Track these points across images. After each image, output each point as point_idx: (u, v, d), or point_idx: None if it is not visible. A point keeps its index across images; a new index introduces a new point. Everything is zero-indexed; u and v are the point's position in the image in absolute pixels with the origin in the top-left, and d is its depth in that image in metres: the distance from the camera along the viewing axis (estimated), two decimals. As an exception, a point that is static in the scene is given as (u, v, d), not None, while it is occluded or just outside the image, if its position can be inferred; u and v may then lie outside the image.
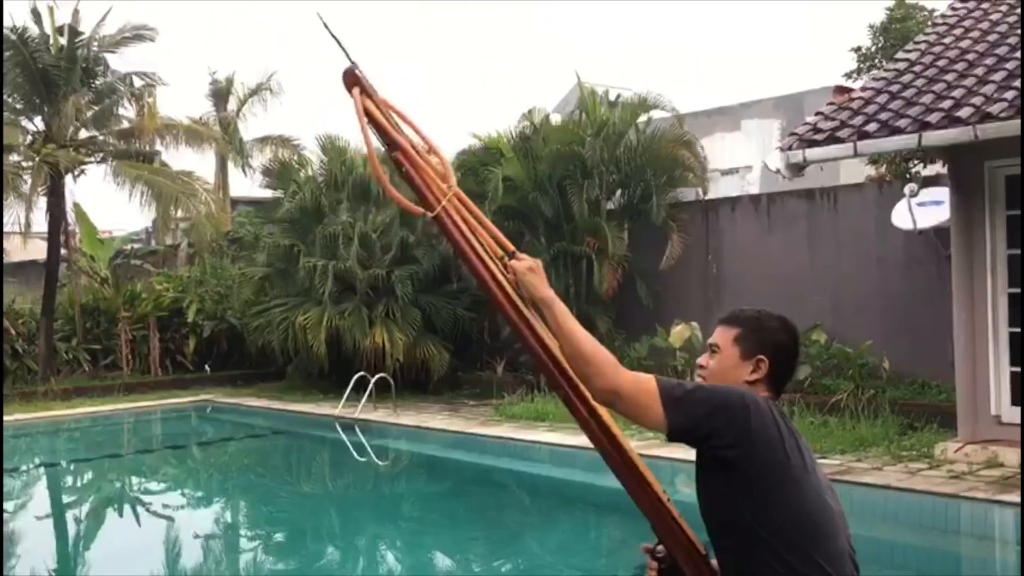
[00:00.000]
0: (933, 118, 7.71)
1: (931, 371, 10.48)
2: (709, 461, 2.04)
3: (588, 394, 2.04)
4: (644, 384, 1.99)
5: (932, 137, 7.65)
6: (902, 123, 7.89)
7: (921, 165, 11.88)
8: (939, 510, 7.08)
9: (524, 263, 2.09)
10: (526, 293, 2.07)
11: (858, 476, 7.69)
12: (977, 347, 8.40)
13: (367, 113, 1.99)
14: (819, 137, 8.34)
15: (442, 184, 2.06)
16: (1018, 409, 8.14)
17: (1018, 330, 8.25)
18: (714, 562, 2.15)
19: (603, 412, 2.07)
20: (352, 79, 2.00)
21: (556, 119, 14.76)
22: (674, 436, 1.99)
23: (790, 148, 8.43)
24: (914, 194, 10.22)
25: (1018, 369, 8.23)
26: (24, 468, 11.40)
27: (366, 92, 2.00)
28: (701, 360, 2.24)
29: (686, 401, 1.97)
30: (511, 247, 2.16)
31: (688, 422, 1.96)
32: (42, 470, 11.57)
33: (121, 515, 9.18)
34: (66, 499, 10.20)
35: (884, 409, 9.70)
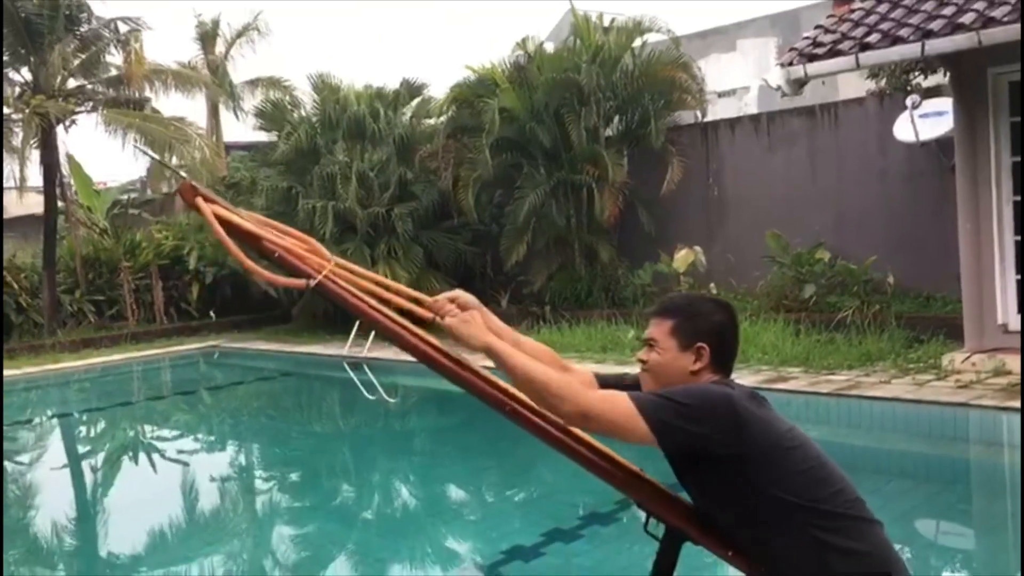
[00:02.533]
0: (936, 25, 7.57)
1: (935, 284, 10.48)
2: (708, 465, 2.03)
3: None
4: (618, 403, 1.98)
5: (935, 45, 7.52)
6: (904, 32, 7.75)
7: (922, 76, 11.71)
8: (948, 419, 7.15)
9: (455, 319, 2.11)
10: (467, 346, 2.09)
11: (867, 390, 7.74)
12: (983, 257, 8.39)
13: (218, 216, 1.98)
14: (820, 51, 8.21)
15: (319, 259, 2.07)
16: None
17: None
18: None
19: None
20: (192, 192, 1.99)
21: (550, 48, 14.53)
22: (670, 449, 1.99)
23: (790, 64, 8.30)
24: (916, 106, 10.10)
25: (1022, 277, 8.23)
26: (37, 420, 11.51)
27: (211, 199, 2.00)
28: (641, 355, 2.24)
29: (669, 414, 1.96)
30: (427, 299, 2.17)
31: (681, 434, 1.96)
32: (55, 421, 11.67)
33: (136, 462, 9.27)
34: (81, 448, 10.29)
35: (890, 323, 9.72)
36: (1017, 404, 6.87)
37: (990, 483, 6.54)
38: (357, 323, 12.95)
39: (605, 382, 2.30)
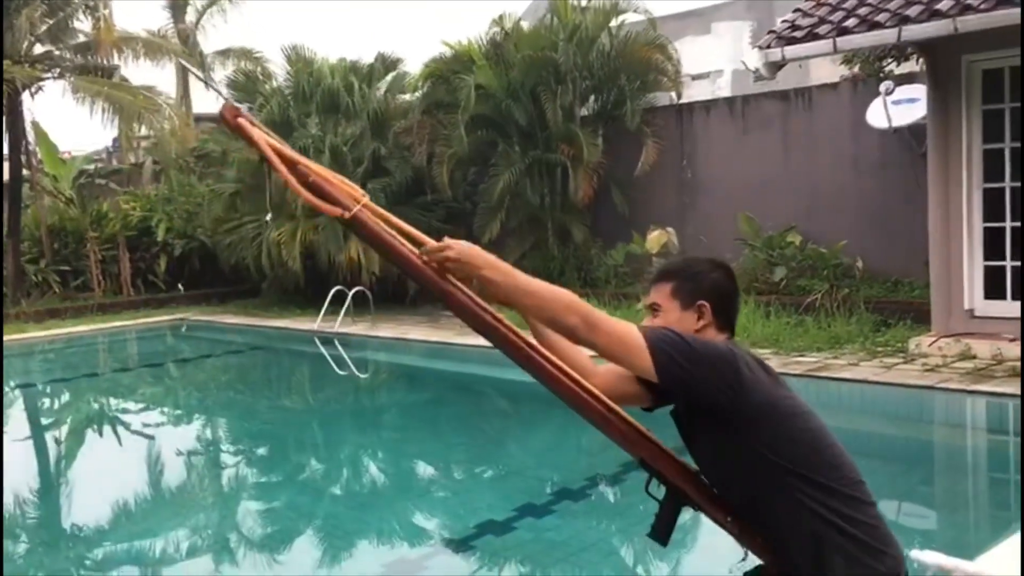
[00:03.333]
0: (913, 11, 7.62)
1: (903, 269, 10.61)
2: (705, 416, 2.04)
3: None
4: (627, 325, 1.98)
5: (912, 31, 7.57)
6: (881, 18, 7.80)
7: (895, 63, 11.80)
8: (915, 401, 7.25)
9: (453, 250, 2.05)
10: (470, 266, 2.04)
11: (835, 372, 7.84)
12: (951, 243, 8.50)
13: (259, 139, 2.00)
14: (798, 34, 8.23)
15: (353, 193, 2.07)
16: (991, 303, 8.32)
17: (993, 224, 8.35)
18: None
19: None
20: (233, 111, 1.99)
21: (527, 26, 14.45)
22: (667, 382, 1.98)
23: (768, 46, 8.32)
24: (889, 92, 10.18)
25: (992, 263, 8.36)
26: (1, 390, 11.33)
27: (253, 123, 2.01)
28: (645, 323, 2.23)
29: (673, 348, 1.96)
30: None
31: (680, 372, 1.95)
32: (18, 392, 11.49)
33: (102, 434, 9.17)
34: (45, 420, 10.16)
35: (858, 307, 9.84)
36: (983, 388, 7.00)
37: (955, 464, 6.66)
38: (329, 297, 12.90)
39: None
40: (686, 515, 2.23)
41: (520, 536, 4.99)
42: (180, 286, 16.88)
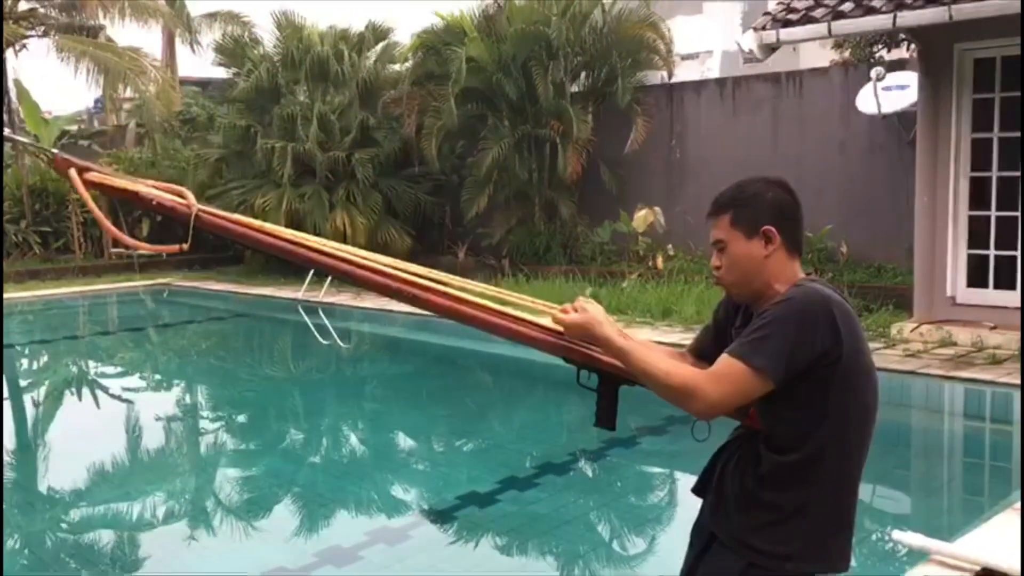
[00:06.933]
0: (908, -3, 7.61)
1: (887, 255, 10.67)
2: (799, 385, 1.93)
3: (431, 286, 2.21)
4: (725, 369, 1.91)
5: (907, 17, 7.56)
6: (877, 3, 7.78)
7: (885, 49, 11.81)
8: (895, 386, 7.31)
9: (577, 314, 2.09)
10: (595, 342, 2.08)
11: (818, 355, 7.86)
12: (937, 230, 8.54)
13: (95, 183, 2.19)
14: (793, 17, 8.21)
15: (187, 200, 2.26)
16: (973, 291, 8.40)
17: (979, 213, 8.40)
18: None
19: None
20: (65, 164, 2.16)
21: (520, -1, 14.35)
22: (783, 385, 1.91)
23: (764, 28, 8.29)
24: (881, 78, 10.19)
25: (975, 252, 8.42)
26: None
27: (86, 167, 2.18)
28: (713, 261, 2.12)
29: (773, 351, 1.88)
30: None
31: (789, 367, 1.88)
32: (-2, 353, 11.40)
33: (81, 397, 9.11)
34: (23, 381, 10.08)
35: (842, 292, 9.86)
36: (963, 374, 7.08)
37: (933, 448, 6.74)
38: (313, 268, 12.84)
39: (695, 348, 2.26)
40: (664, 492, 2.24)
41: (504, 508, 5.02)
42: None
